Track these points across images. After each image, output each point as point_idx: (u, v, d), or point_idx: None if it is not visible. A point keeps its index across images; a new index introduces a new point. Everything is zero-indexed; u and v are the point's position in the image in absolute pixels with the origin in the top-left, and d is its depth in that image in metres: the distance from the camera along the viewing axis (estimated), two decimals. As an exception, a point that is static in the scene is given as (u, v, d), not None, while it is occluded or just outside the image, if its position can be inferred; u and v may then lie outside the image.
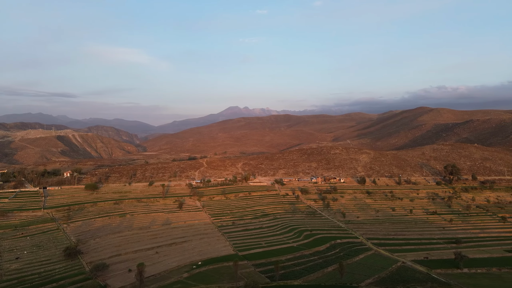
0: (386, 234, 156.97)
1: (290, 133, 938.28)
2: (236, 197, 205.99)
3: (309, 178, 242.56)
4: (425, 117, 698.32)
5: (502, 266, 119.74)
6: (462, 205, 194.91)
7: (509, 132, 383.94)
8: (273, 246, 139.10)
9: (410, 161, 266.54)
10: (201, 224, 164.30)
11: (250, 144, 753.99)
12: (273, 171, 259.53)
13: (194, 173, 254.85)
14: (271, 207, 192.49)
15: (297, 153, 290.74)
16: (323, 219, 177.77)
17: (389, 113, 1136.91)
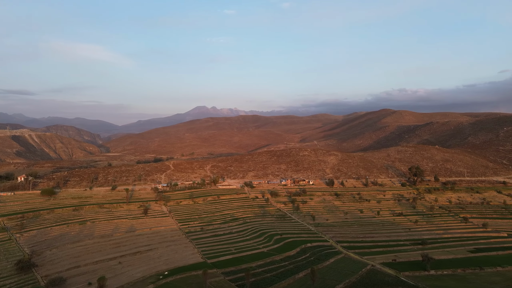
0: (355, 237, 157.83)
1: (259, 133, 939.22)
2: (205, 201, 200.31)
3: (278, 180, 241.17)
4: (388, 119, 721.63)
5: (466, 267, 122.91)
6: (426, 206, 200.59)
7: (466, 134, 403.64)
8: (243, 252, 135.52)
9: (376, 163, 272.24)
10: (168, 230, 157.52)
11: (218, 144, 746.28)
12: (242, 174, 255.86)
13: (160, 176, 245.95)
14: (241, 211, 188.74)
15: (266, 155, 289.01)
16: (293, 222, 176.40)
17: (354, 115, 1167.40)
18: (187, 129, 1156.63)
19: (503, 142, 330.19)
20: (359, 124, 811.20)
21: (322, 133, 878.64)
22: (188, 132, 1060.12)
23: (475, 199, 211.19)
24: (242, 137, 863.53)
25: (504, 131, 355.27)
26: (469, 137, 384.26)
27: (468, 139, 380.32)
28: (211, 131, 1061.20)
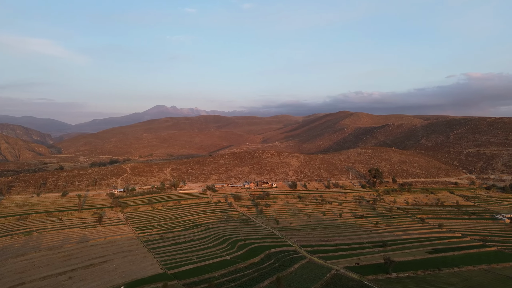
0: (318, 241, 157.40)
1: (220, 134, 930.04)
2: (164, 207, 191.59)
3: (241, 183, 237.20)
4: (347, 121, 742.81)
5: (426, 268, 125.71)
6: (385, 207, 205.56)
7: (420, 137, 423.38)
8: (206, 260, 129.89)
9: (337, 165, 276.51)
10: (124, 239, 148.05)
11: (179, 145, 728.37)
12: (204, 177, 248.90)
13: (116, 180, 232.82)
14: (203, 216, 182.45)
15: (229, 157, 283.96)
16: (256, 227, 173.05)
17: (314, 116, 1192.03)
18: (145, 129, 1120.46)
19: (453, 144, 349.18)
20: (319, 126, 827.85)
21: (283, 134, 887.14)
22: (147, 132, 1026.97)
23: (430, 200, 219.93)
24: (203, 137, 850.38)
25: (454, 134, 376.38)
26: (422, 139, 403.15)
27: (422, 141, 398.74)
28: (170, 131, 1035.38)
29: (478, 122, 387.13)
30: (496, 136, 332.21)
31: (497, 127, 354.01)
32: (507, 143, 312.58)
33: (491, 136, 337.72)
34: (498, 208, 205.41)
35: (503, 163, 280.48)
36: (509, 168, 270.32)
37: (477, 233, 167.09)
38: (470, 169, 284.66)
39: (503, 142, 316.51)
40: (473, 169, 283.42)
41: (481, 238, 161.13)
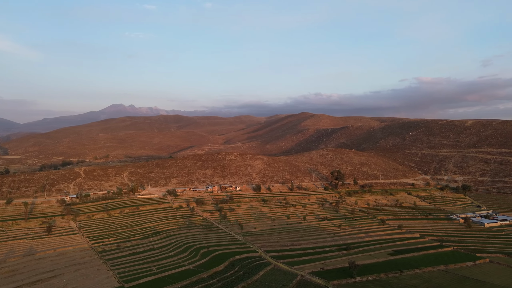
0: (283, 245, 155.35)
1: (181, 134, 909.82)
2: (122, 214, 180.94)
3: (204, 187, 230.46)
4: (308, 122, 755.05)
5: (388, 271, 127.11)
6: (348, 209, 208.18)
7: (378, 138, 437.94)
8: (167, 271, 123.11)
9: (300, 167, 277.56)
10: (77, 251, 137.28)
11: (137, 146, 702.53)
12: (165, 181, 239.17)
13: (69, 185, 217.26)
14: (163, 223, 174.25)
15: (191, 160, 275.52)
16: (220, 233, 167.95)
17: (276, 117, 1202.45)
18: (101, 129, 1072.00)
19: (409, 146, 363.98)
20: (281, 127, 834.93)
21: (246, 135, 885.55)
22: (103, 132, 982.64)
23: (390, 201, 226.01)
24: (163, 138, 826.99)
25: (409, 136, 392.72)
26: (380, 141, 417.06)
27: (380, 142, 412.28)
28: (128, 131, 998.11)
29: (431, 125, 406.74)
30: (448, 138, 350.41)
31: (448, 130, 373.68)
32: (458, 145, 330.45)
33: (443, 138, 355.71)
34: (452, 208, 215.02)
35: (455, 164, 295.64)
36: (461, 169, 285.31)
37: (434, 234, 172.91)
38: (425, 170, 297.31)
39: (455, 144, 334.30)
40: (428, 170, 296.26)
41: (438, 238, 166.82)
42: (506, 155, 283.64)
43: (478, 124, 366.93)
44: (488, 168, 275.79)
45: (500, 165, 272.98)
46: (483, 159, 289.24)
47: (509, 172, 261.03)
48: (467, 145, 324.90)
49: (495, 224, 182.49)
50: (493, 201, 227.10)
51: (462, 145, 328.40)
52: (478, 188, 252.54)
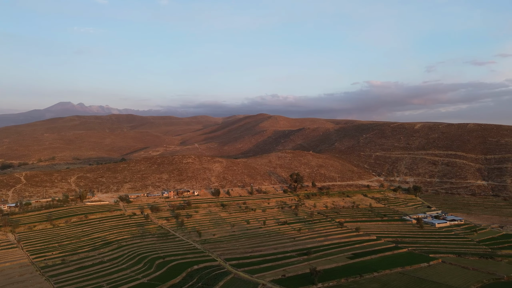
0: (243, 252, 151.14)
1: (134, 135, 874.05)
2: (68, 224, 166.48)
3: (160, 192, 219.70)
4: (266, 124, 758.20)
5: (348, 275, 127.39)
6: (307, 212, 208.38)
7: (333, 140, 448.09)
8: (119, 286, 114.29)
9: (260, 169, 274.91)
10: (15, 267, 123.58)
11: (87, 147, 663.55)
12: (116, 186, 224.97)
13: (7, 193, 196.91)
14: (115, 232, 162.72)
15: (145, 163, 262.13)
16: (177, 241, 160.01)
17: (233, 118, 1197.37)
18: (46, 129, 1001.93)
19: (363, 148, 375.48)
20: (238, 128, 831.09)
21: (203, 135, 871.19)
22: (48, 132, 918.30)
23: (347, 203, 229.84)
24: (115, 138, 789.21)
25: (363, 138, 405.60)
26: (336, 143, 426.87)
27: (335, 144, 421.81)
28: (77, 131, 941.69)
29: (383, 128, 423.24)
30: (399, 141, 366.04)
31: (399, 132, 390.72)
32: (408, 147, 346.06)
33: (395, 140, 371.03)
34: (405, 209, 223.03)
35: (406, 166, 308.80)
36: (411, 170, 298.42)
37: (389, 235, 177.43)
38: (379, 172, 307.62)
39: (405, 146, 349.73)
40: (381, 172, 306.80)
41: (393, 240, 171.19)
42: (452, 157, 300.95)
43: (426, 127, 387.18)
44: (436, 169, 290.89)
45: (447, 167, 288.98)
46: (431, 161, 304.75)
47: (455, 174, 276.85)
48: (416, 147, 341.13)
49: (445, 224, 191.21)
50: (441, 202, 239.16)
51: (412, 147, 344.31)
52: (427, 189, 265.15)
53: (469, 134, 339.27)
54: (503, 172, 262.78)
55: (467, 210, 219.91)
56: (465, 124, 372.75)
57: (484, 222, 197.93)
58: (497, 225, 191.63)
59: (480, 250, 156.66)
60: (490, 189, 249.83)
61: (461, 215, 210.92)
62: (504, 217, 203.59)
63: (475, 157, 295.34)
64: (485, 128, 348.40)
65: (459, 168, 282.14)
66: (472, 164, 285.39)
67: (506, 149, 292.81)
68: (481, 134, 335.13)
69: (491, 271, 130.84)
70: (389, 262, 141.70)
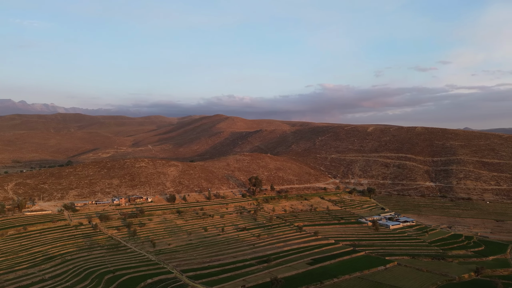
0: (201, 262, 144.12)
1: (82, 135, 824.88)
2: (3, 237, 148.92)
3: (110, 199, 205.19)
4: (223, 125, 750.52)
5: (309, 283, 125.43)
6: (266, 217, 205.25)
7: (290, 142, 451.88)
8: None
9: (217, 173, 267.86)
10: None
11: (29, 149, 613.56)
12: (61, 193, 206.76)
13: None
14: (59, 245, 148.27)
15: (94, 167, 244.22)
16: (129, 253, 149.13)
17: (189, 118, 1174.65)
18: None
19: (319, 150, 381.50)
20: (194, 129, 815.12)
21: (157, 136, 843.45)
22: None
23: (305, 206, 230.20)
24: (61, 139, 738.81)
25: (319, 141, 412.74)
26: (293, 145, 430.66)
27: (292, 146, 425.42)
28: (18, 131, 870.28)
29: (338, 130, 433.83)
30: (353, 143, 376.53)
31: (353, 135, 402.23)
32: (362, 149, 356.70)
33: (349, 143, 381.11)
34: (360, 212, 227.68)
35: (360, 168, 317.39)
36: (365, 172, 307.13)
37: (347, 238, 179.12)
38: (334, 174, 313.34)
39: (359, 148, 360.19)
40: (337, 174, 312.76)
41: (351, 243, 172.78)
42: (402, 160, 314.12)
43: (378, 130, 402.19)
44: (388, 171, 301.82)
45: (398, 169, 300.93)
46: (384, 163, 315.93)
47: (405, 175, 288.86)
48: (369, 150, 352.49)
49: (399, 226, 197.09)
50: (394, 203, 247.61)
51: (365, 149, 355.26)
52: (381, 190, 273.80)
53: (417, 137, 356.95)
54: (449, 173, 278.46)
55: (418, 211, 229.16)
56: (413, 127, 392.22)
57: (433, 222, 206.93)
58: (446, 225, 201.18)
59: (432, 251, 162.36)
60: (438, 190, 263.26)
61: (412, 216, 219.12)
62: (452, 218, 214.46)
63: (424, 160, 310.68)
64: (432, 131, 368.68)
65: (409, 170, 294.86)
66: (421, 166, 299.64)
67: (451, 152, 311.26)
68: (428, 137, 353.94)
69: (443, 273, 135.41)
70: (348, 267, 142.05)
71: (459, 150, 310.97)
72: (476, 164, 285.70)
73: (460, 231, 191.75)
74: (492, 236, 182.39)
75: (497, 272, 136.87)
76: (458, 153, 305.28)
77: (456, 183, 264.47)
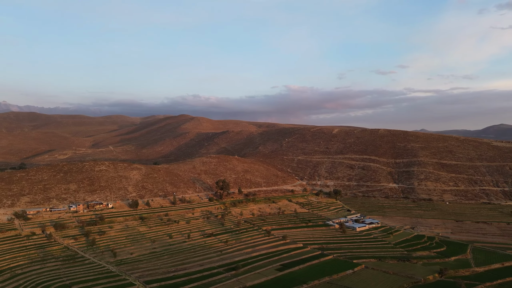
0: (166, 272, 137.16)
1: (37, 136, 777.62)
2: None
3: (66, 206, 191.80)
4: (188, 125, 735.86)
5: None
6: (233, 221, 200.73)
7: (257, 144, 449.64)
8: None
9: (183, 176, 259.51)
10: None
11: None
12: (11, 200, 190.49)
13: None
14: (8, 258, 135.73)
15: (49, 171, 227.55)
16: (87, 264, 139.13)
17: (153, 118, 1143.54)
18: None
19: (286, 151, 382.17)
20: (159, 129, 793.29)
21: (119, 137, 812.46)
22: None
23: (273, 210, 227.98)
24: (14, 140, 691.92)
25: (286, 142, 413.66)
26: (260, 147, 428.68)
27: (259, 148, 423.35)
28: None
29: (304, 132, 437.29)
30: (319, 145, 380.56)
31: (319, 137, 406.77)
32: (328, 151, 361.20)
33: (315, 145, 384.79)
34: (327, 214, 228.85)
35: (326, 169, 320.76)
36: (331, 174, 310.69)
37: (315, 242, 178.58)
38: (301, 176, 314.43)
39: (325, 150, 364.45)
40: (304, 176, 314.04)
41: (319, 246, 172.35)
42: (366, 161, 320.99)
43: (343, 132, 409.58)
44: (353, 173, 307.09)
45: (363, 171, 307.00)
46: (349, 165, 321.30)
47: (370, 177, 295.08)
48: (335, 151, 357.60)
49: (365, 228, 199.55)
50: (359, 205, 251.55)
51: (331, 151, 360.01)
52: (346, 192, 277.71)
53: (381, 139, 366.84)
54: (411, 175, 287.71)
55: (383, 212, 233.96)
56: (376, 130, 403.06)
57: (397, 223, 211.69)
58: (409, 226, 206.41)
59: (397, 253, 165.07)
60: (401, 191, 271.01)
61: (377, 217, 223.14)
62: (414, 218, 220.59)
63: (387, 161, 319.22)
64: (394, 134, 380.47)
65: (373, 172, 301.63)
66: (384, 168, 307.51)
67: (412, 154, 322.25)
68: (390, 139, 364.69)
69: (409, 275, 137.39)
70: (317, 272, 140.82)
71: (420, 152, 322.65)
72: (436, 166, 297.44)
73: (422, 231, 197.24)
74: (452, 236, 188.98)
75: (460, 272, 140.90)
76: (419, 155, 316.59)
77: (417, 184, 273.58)
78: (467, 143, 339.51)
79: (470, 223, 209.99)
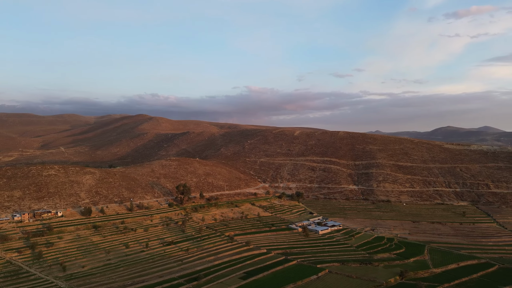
0: (122, 286, 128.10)
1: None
2: None
3: (10, 215, 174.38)
4: (146, 126, 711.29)
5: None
6: (195, 227, 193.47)
7: (219, 146, 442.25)
8: None
9: (141, 181, 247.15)
10: None
11: None
12: None
13: None
14: None
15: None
16: (32, 280, 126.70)
17: (108, 118, 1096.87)
18: None
19: (248, 153, 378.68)
20: (114, 129, 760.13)
21: (71, 137, 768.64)
22: None
23: (236, 214, 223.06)
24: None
25: (248, 144, 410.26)
26: (222, 148, 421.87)
27: (221, 150, 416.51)
28: None
29: (266, 134, 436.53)
30: (281, 147, 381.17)
31: (281, 139, 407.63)
32: (290, 153, 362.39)
33: (277, 147, 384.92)
34: (290, 217, 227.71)
35: (288, 172, 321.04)
36: (293, 176, 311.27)
37: (279, 247, 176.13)
38: (264, 178, 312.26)
39: (287, 152, 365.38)
40: (266, 178, 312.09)
41: (283, 251, 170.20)
42: (327, 163, 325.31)
43: (304, 134, 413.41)
44: (315, 175, 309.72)
45: (324, 172, 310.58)
46: (310, 167, 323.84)
47: (331, 179, 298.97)
48: (297, 153, 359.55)
49: (327, 230, 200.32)
50: (321, 207, 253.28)
51: (293, 153, 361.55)
52: (308, 194, 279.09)
53: (341, 142, 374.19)
54: (370, 177, 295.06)
55: (344, 214, 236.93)
56: (336, 132, 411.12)
57: (358, 225, 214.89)
58: (369, 228, 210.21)
59: (359, 256, 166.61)
60: (361, 193, 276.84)
61: (339, 219, 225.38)
62: (374, 220, 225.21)
63: (347, 163, 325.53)
64: (353, 136, 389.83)
65: (334, 174, 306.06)
66: (344, 170, 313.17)
67: (371, 156, 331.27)
68: (350, 141, 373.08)
69: (372, 278, 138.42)
70: (281, 279, 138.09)
71: (378, 154, 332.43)
72: (393, 168, 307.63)
73: (382, 233, 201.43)
74: (410, 237, 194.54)
75: (419, 274, 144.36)
76: (377, 157, 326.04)
77: (376, 186, 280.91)
78: (421, 145, 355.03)
79: (426, 223, 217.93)
